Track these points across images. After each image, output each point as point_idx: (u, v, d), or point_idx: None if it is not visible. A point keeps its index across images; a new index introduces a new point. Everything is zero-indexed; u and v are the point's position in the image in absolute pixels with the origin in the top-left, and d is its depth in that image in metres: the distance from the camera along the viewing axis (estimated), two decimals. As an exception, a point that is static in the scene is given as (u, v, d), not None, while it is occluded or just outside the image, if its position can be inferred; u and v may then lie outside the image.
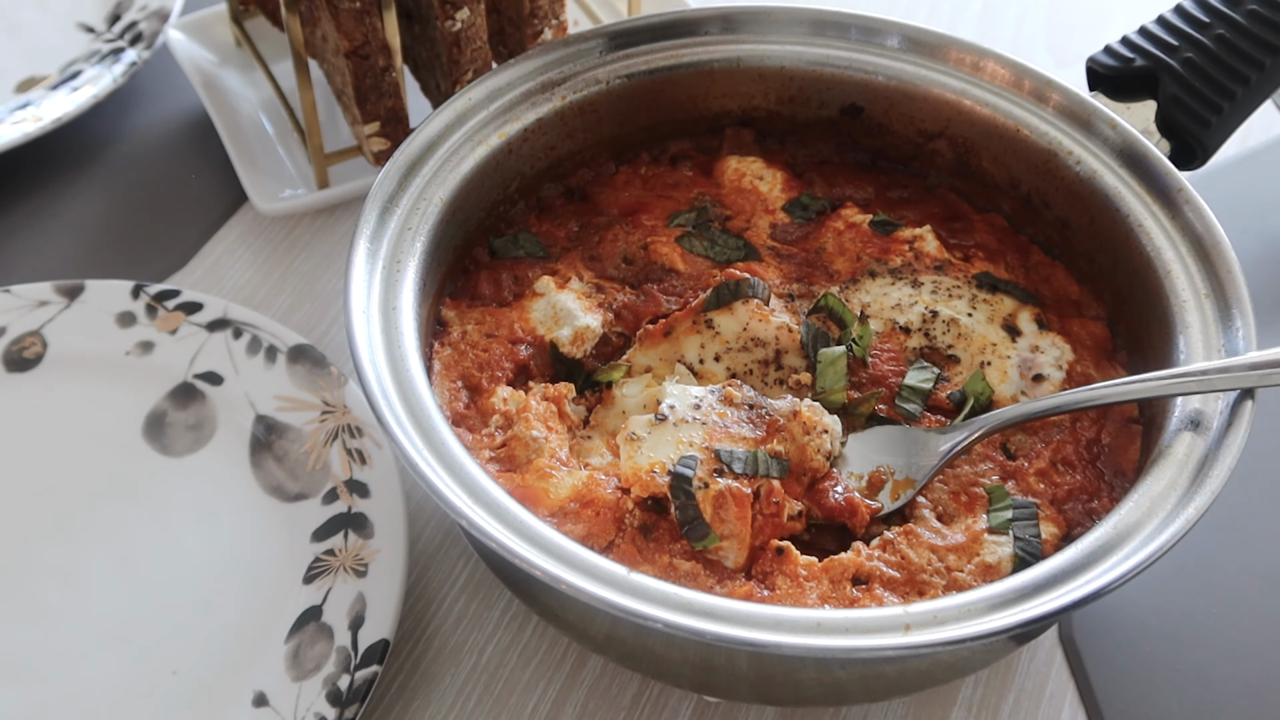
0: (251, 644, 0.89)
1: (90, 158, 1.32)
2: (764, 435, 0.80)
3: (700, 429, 0.80)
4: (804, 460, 0.81)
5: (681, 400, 0.82)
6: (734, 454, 0.79)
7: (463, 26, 1.11)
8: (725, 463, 0.79)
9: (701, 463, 0.79)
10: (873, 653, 0.68)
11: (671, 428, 0.80)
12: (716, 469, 0.78)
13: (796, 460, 0.81)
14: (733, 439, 0.80)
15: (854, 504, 0.82)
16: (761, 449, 0.80)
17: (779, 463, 0.80)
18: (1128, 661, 0.92)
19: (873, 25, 1.04)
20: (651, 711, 0.90)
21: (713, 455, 0.79)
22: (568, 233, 1.02)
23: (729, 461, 0.79)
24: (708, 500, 0.78)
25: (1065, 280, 0.99)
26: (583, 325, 0.93)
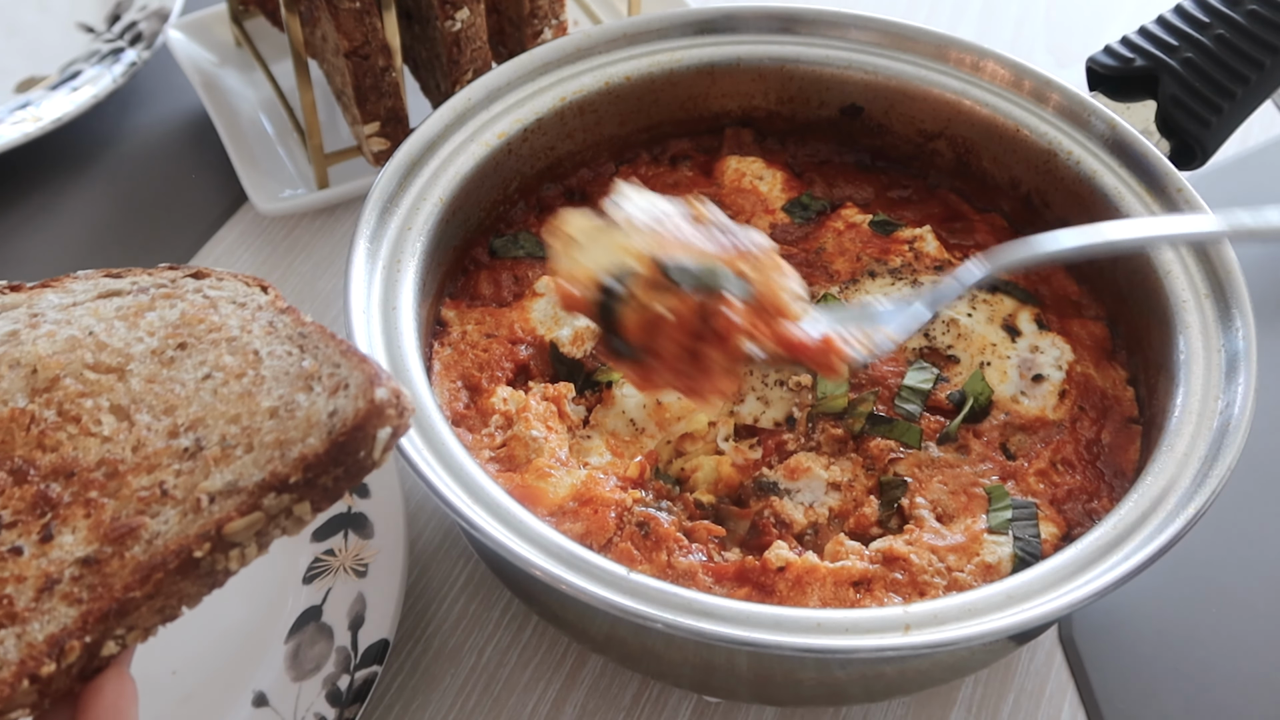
0: (251, 644, 0.89)
1: (90, 158, 1.32)
2: (729, 256, 0.67)
3: (651, 237, 0.67)
4: (770, 295, 0.67)
5: (635, 203, 0.68)
6: (684, 266, 0.65)
7: (463, 26, 1.11)
8: (672, 276, 0.65)
9: (638, 276, 0.66)
10: (873, 653, 0.68)
11: (618, 233, 0.67)
12: (658, 283, 0.65)
13: (761, 291, 0.67)
14: (687, 250, 0.66)
15: (828, 342, 0.70)
16: (721, 264, 0.66)
17: (741, 282, 0.66)
18: (1128, 661, 0.92)
19: (872, 25, 1.04)
20: (651, 711, 0.90)
21: (656, 267, 0.65)
22: (568, 233, 1.02)
23: (676, 275, 0.65)
24: (635, 319, 0.65)
25: (1065, 280, 0.99)
26: (583, 325, 0.93)
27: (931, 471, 0.86)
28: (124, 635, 0.59)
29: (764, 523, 0.84)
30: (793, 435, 0.89)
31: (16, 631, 0.58)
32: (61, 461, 0.64)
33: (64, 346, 0.69)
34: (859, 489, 0.86)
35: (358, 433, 0.61)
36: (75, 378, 0.68)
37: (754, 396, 0.90)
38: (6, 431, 0.65)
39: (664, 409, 0.89)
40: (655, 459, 0.88)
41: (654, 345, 0.64)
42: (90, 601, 0.59)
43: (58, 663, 0.57)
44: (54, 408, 0.66)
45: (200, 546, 0.60)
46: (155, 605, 0.60)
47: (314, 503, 0.62)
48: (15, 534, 0.61)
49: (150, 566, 0.59)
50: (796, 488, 0.86)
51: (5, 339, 0.70)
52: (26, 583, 0.59)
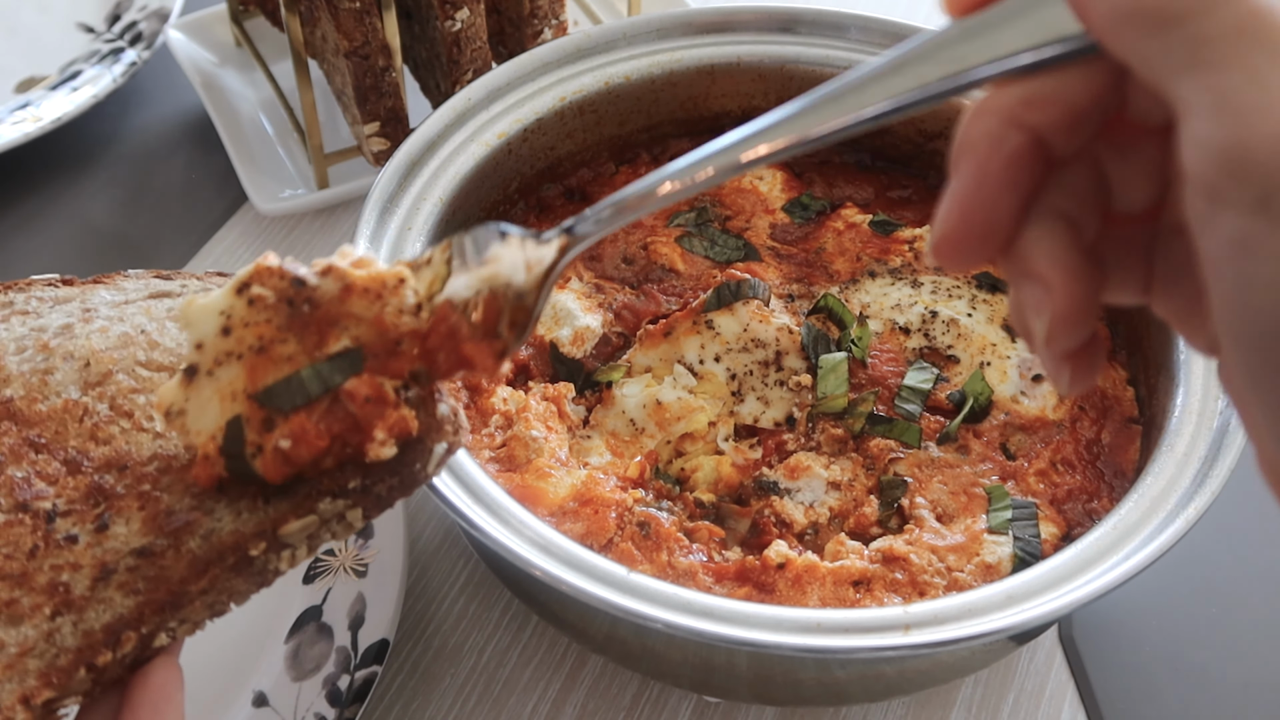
0: (251, 644, 0.89)
1: (90, 158, 1.32)
2: (317, 339, 0.60)
3: (238, 367, 0.59)
4: (386, 332, 0.60)
5: (201, 327, 0.60)
6: (273, 392, 0.59)
7: (463, 26, 1.11)
8: (270, 408, 0.59)
9: (248, 421, 0.60)
10: (873, 653, 0.68)
11: (208, 379, 0.60)
12: (265, 419, 0.59)
13: (375, 338, 0.60)
14: (278, 364, 0.59)
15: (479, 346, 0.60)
16: (312, 366, 0.59)
17: (344, 360, 0.59)
18: (1128, 661, 0.92)
19: (872, 25, 1.04)
20: (651, 711, 0.90)
21: (255, 405, 0.59)
22: (568, 233, 1.02)
23: (274, 404, 0.59)
24: (271, 463, 0.60)
25: (1065, 280, 0.99)
26: (583, 325, 0.93)
27: (931, 471, 0.86)
28: (175, 628, 0.60)
29: (764, 522, 0.84)
30: (793, 435, 0.89)
31: (73, 619, 0.58)
32: (115, 454, 0.64)
33: (117, 343, 0.69)
34: (859, 489, 0.86)
35: (417, 445, 0.61)
36: (128, 373, 0.68)
37: (754, 396, 0.90)
38: (60, 422, 0.65)
39: (664, 409, 0.89)
40: (655, 459, 0.88)
41: (302, 468, 0.60)
42: (147, 592, 0.59)
43: (114, 652, 0.58)
44: (106, 401, 0.67)
45: (255, 545, 0.60)
46: (208, 600, 0.60)
47: (366, 510, 0.62)
48: (70, 522, 0.61)
49: (206, 561, 0.60)
50: (796, 487, 0.86)
51: (60, 331, 0.70)
52: (83, 571, 0.60)
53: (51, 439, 0.65)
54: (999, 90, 0.44)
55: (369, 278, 0.59)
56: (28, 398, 0.66)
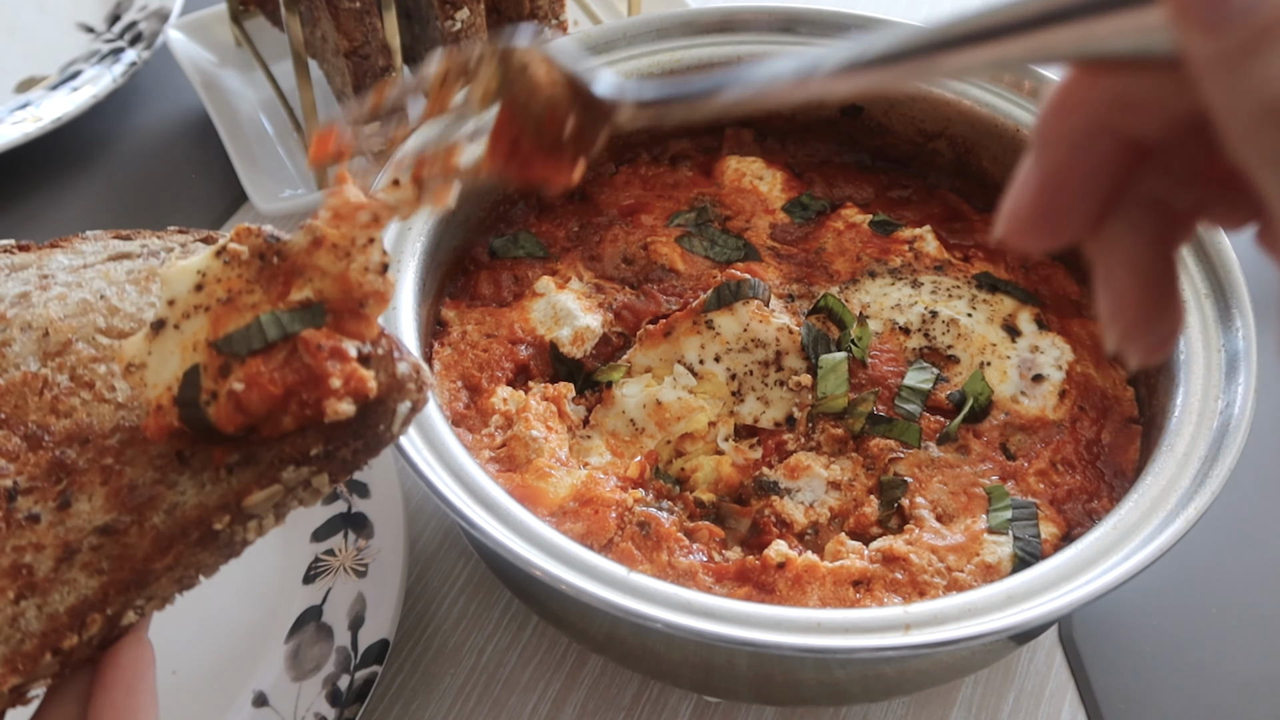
0: (251, 644, 0.89)
1: (90, 158, 1.32)
2: (281, 288, 0.60)
3: (204, 319, 0.60)
4: (350, 290, 0.60)
5: (176, 285, 0.61)
6: (232, 338, 0.59)
7: (463, 26, 1.11)
8: (228, 354, 0.59)
9: (205, 368, 0.60)
10: (873, 653, 0.68)
11: (173, 332, 0.60)
12: (222, 365, 0.59)
13: (339, 294, 0.60)
14: (240, 312, 0.60)
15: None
16: (271, 311, 0.60)
17: (305, 312, 0.60)
18: (1128, 661, 0.92)
19: (872, 25, 1.04)
20: (651, 711, 0.90)
21: (212, 350, 0.60)
22: (568, 233, 1.02)
23: (231, 349, 0.59)
24: (225, 410, 0.59)
25: (1065, 280, 0.99)
26: (583, 325, 0.93)
27: (931, 471, 0.86)
28: (143, 605, 0.59)
29: (764, 522, 0.84)
30: (793, 435, 0.89)
31: (37, 603, 0.57)
32: (76, 427, 0.63)
33: (75, 310, 0.68)
34: (859, 488, 0.86)
35: (378, 406, 0.60)
36: (88, 342, 0.67)
37: (754, 396, 0.90)
38: (19, 396, 0.64)
39: (664, 409, 0.89)
40: (655, 459, 0.88)
41: (255, 418, 0.59)
42: (111, 572, 0.58)
43: (79, 634, 0.57)
44: (66, 372, 0.65)
45: (220, 518, 0.59)
46: (174, 576, 0.59)
47: (332, 475, 0.61)
48: (31, 500, 0.60)
49: (170, 537, 0.59)
50: (796, 487, 0.86)
51: (16, 300, 0.69)
52: (45, 551, 0.59)
53: (11, 413, 0.64)
54: (1086, 79, 0.40)
55: (339, 234, 0.59)
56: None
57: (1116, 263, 0.42)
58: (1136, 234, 0.42)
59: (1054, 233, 0.42)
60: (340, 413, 0.57)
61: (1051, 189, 0.41)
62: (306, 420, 0.59)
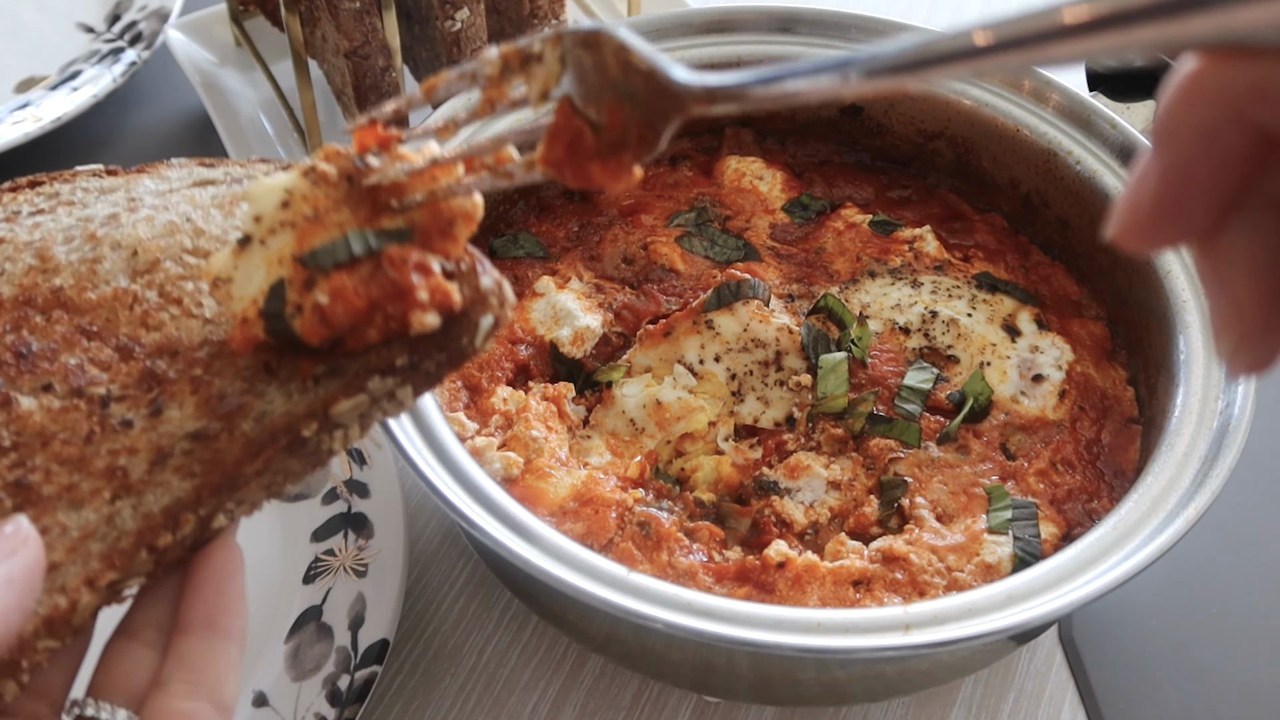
0: (251, 644, 0.89)
1: (90, 158, 1.32)
2: (370, 210, 0.60)
3: (290, 234, 0.60)
4: (440, 213, 0.60)
5: (262, 202, 0.61)
6: (318, 252, 0.59)
7: (463, 26, 1.11)
8: (313, 267, 0.59)
9: (290, 281, 0.60)
10: (873, 653, 0.68)
11: (259, 247, 0.61)
12: (307, 279, 0.59)
13: (428, 218, 0.60)
14: (327, 229, 0.60)
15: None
16: (357, 229, 0.60)
17: (392, 231, 0.60)
18: (1128, 661, 0.92)
19: (872, 25, 1.04)
20: (651, 711, 0.90)
21: (297, 264, 0.60)
22: (568, 233, 1.02)
23: (316, 263, 0.59)
24: (309, 323, 0.60)
25: (1065, 280, 0.99)
26: (583, 325, 0.93)
27: (931, 471, 0.86)
28: (234, 509, 0.60)
29: (765, 521, 0.84)
30: (793, 435, 0.89)
31: (133, 503, 0.59)
32: (166, 340, 0.64)
33: (163, 231, 0.69)
34: (859, 488, 0.86)
35: (463, 318, 0.60)
36: (175, 261, 0.68)
37: (754, 396, 0.90)
38: (110, 310, 0.65)
39: (664, 409, 0.89)
40: (655, 459, 0.88)
41: (339, 330, 0.60)
42: (203, 475, 0.59)
43: (173, 533, 0.58)
44: (155, 289, 0.67)
45: (308, 425, 0.60)
46: (264, 481, 0.60)
47: (416, 387, 0.61)
48: (124, 407, 0.62)
49: (260, 443, 0.60)
50: (796, 487, 0.86)
51: (106, 221, 0.70)
52: (139, 455, 0.60)
53: (103, 326, 0.65)
54: (1218, 66, 0.37)
55: (431, 160, 0.60)
56: (77, 286, 0.66)
57: (1235, 269, 0.40)
58: (1259, 238, 0.39)
59: (1174, 232, 0.39)
60: (426, 325, 0.58)
61: (1175, 184, 0.38)
62: (391, 333, 0.59)
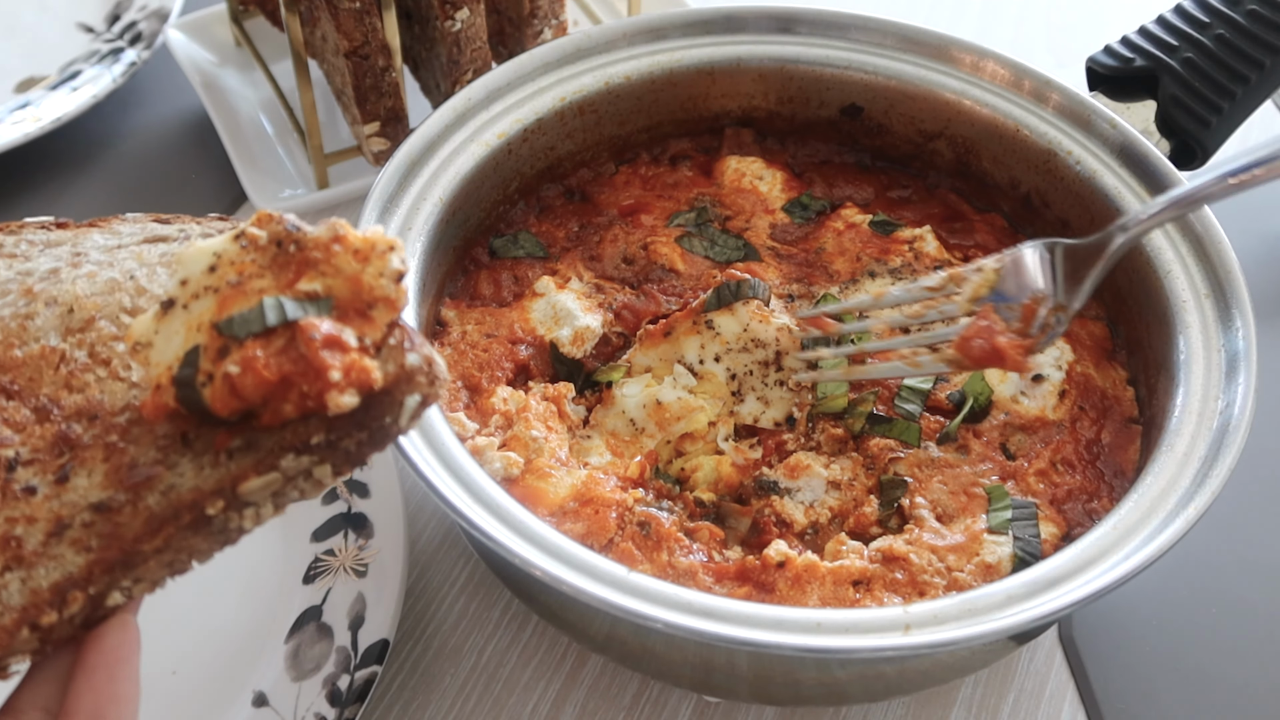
0: (251, 644, 0.89)
1: (90, 158, 1.32)
2: (291, 276, 0.60)
3: (212, 300, 0.59)
4: (361, 292, 0.59)
5: (191, 265, 0.60)
6: (233, 320, 0.58)
7: (463, 26, 1.11)
8: (227, 334, 0.58)
9: (205, 349, 0.58)
10: (873, 653, 0.68)
11: (182, 312, 0.60)
12: (221, 347, 0.58)
13: (349, 294, 0.60)
14: (248, 296, 0.59)
15: None
16: (278, 295, 0.59)
17: (309, 303, 0.59)
18: (1128, 661, 0.92)
19: (872, 25, 1.04)
20: (651, 711, 0.90)
21: (214, 331, 0.59)
22: (568, 233, 1.03)
23: (231, 331, 0.58)
24: (219, 393, 0.58)
25: (1065, 280, 0.99)
26: (583, 325, 0.93)
27: (931, 471, 0.86)
28: (130, 587, 0.58)
29: (765, 521, 0.84)
30: (793, 435, 0.89)
31: (22, 576, 0.57)
32: (86, 403, 0.63)
33: (103, 288, 0.68)
34: (859, 488, 0.86)
35: (384, 397, 0.58)
36: (111, 320, 0.66)
37: (754, 396, 0.90)
38: (35, 369, 0.64)
39: (664, 409, 0.89)
40: (655, 459, 0.88)
41: (250, 403, 0.58)
42: (99, 550, 0.57)
43: (60, 612, 0.56)
44: (85, 349, 0.65)
45: (213, 503, 0.58)
46: (164, 559, 0.58)
47: (335, 466, 0.59)
48: (31, 472, 0.60)
49: (162, 519, 0.58)
50: (796, 486, 0.86)
51: (46, 276, 0.69)
52: (37, 525, 0.58)
53: (25, 386, 0.63)
54: None
55: (360, 237, 0.59)
56: (4, 342, 0.65)
57: None
58: None
59: None
60: (342, 405, 0.56)
61: None
62: (309, 410, 0.57)
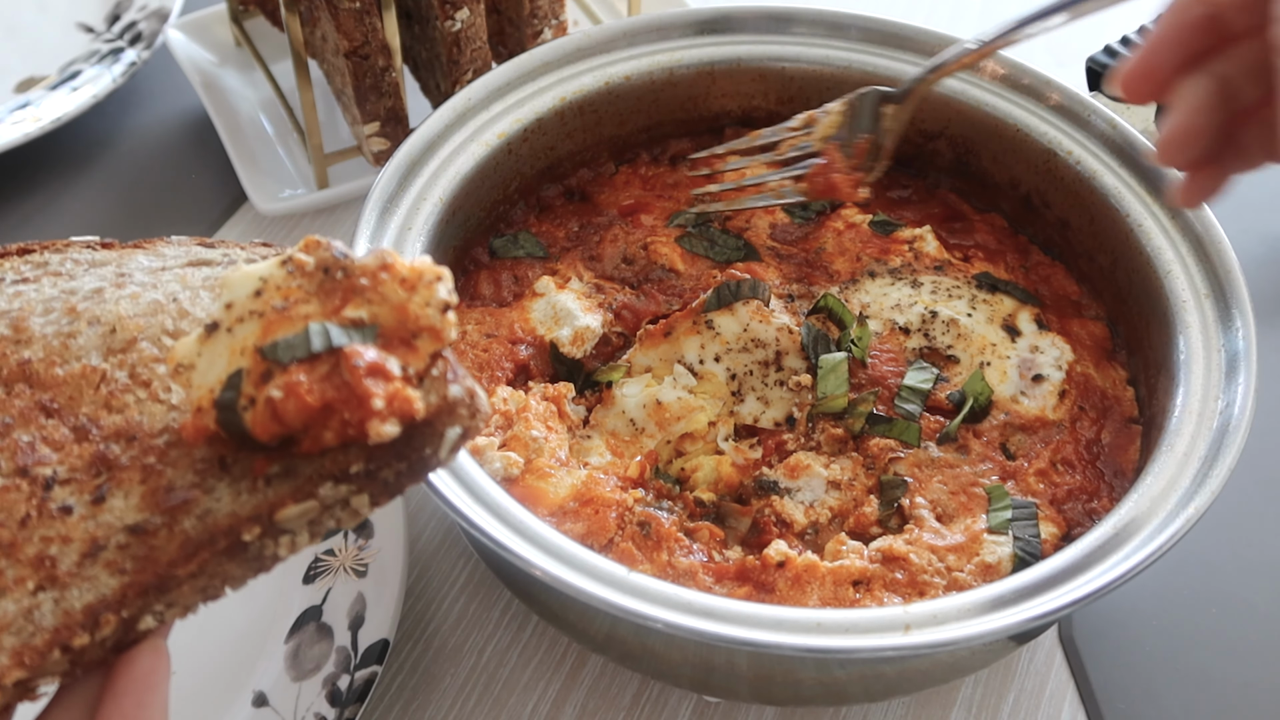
0: (251, 644, 0.89)
1: (90, 158, 1.32)
2: (338, 303, 0.60)
3: (257, 324, 0.59)
4: (407, 321, 0.60)
5: (236, 289, 0.61)
6: (278, 345, 0.58)
7: (463, 26, 1.11)
8: (271, 359, 0.58)
9: (248, 373, 0.59)
10: (873, 653, 0.68)
11: (225, 335, 0.60)
12: (265, 371, 0.58)
13: (394, 322, 0.60)
14: (293, 321, 0.59)
15: None
16: (323, 321, 0.59)
17: (354, 330, 0.59)
18: (1128, 661, 0.92)
19: (872, 25, 1.04)
20: (651, 711, 0.90)
21: (258, 355, 0.59)
22: (568, 233, 1.02)
23: (275, 356, 0.58)
24: (260, 417, 0.58)
25: (1065, 280, 0.99)
26: (583, 325, 0.93)
27: (931, 471, 0.86)
28: (163, 611, 0.58)
29: (765, 521, 0.84)
30: (793, 435, 0.89)
31: (55, 596, 0.56)
32: (125, 424, 0.62)
33: (146, 310, 0.68)
34: (859, 488, 0.86)
35: (425, 428, 0.58)
36: (153, 342, 0.66)
37: (754, 396, 0.90)
38: (75, 388, 0.64)
39: (664, 409, 0.89)
40: (655, 459, 0.88)
41: (291, 429, 0.58)
42: (134, 573, 0.57)
43: (91, 634, 0.56)
44: (126, 369, 0.65)
45: (250, 530, 0.58)
46: (198, 584, 0.58)
47: (373, 497, 0.59)
48: (68, 491, 0.60)
49: (198, 544, 0.57)
50: (796, 486, 0.86)
51: (90, 295, 0.69)
52: (72, 545, 0.58)
53: (64, 404, 0.63)
54: None
55: (408, 266, 0.59)
56: (46, 360, 0.65)
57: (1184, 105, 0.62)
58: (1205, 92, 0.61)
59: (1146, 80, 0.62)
60: (383, 434, 0.55)
61: (1154, 47, 0.62)
62: (350, 438, 0.57)
